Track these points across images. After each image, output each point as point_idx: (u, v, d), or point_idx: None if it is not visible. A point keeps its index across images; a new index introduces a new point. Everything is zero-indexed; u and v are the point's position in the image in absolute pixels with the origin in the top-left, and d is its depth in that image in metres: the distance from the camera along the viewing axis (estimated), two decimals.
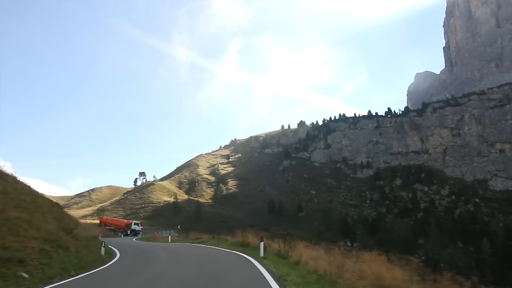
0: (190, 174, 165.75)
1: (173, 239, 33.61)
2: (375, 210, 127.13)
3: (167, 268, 13.20)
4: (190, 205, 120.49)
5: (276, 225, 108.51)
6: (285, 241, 19.99)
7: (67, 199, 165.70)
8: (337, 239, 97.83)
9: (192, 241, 28.56)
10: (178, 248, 22.14)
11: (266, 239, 17.38)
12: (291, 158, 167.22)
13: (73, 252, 13.93)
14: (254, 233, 21.60)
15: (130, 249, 23.15)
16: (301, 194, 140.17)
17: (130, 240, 42.25)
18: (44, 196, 23.61)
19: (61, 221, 17.96)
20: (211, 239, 26.74)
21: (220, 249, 20.09)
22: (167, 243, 28.73)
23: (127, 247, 24.27)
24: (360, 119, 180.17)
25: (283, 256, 15.29)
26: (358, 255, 11.14)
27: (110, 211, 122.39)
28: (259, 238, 17.44)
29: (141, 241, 36.82)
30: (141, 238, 48.34)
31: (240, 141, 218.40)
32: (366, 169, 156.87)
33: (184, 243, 27.09)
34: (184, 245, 24.97)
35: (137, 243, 30.06)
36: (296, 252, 14.17)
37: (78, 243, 15.72)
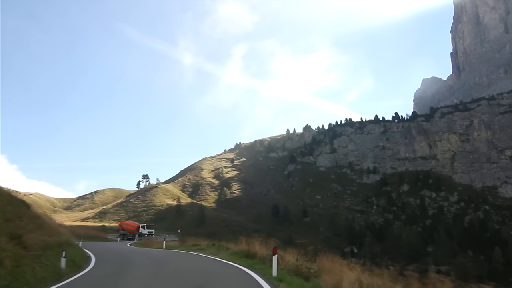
0: (194, 177, 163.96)
1: (169, 245, 29.67)
2: (382, 216, 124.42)
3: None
4: (193, 209, 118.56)
5: (280, 230, 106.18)
6: (301, 251, 16.88)
7: (69, 201, 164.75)
8: (344, 245, 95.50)
9: (189, 248, 25.25)
10: (169, 257, 18.95)
11: (270, 245, 15.33)
12: (296, 163, 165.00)
13: (9, 267, 10.30)
14: (261, 240, 18.36)
15: (110, 257, 19.51)
16: (306, 199, 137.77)
17: (123, 245, 37.55)
18: (8, 191, 20.04)
19: (11, 223, 14.36)
20: (210, 247, 23.61)
21: (219, 260, 16.74)
22: (160, 250, 25.52)
23: (109, 255, 20.72)
24: (367, 124, 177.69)
25: (304, 275, 11.50)
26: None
27: (112, 214, 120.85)
28: (267, 247, 15.20)
29: (133, 246, 33.17)
30: (136, 242, 43.15)
31: (245, 144, 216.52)
32: (372, 175, 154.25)
33: (179, 250, 23.76)
34: (178, 253, 21.57)
35: (125, 249, 26.62)
36: (324, 270, 10.84)
37: (24, 254, 12.11)
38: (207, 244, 25.15)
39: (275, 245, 14.62)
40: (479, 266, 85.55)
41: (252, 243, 17.46)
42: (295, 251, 14.02)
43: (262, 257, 15.06)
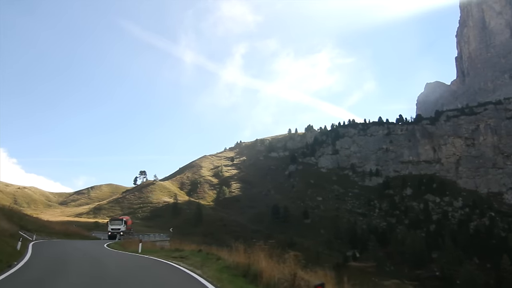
0: (193, 175, 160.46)
1: (148, 248, 23.28)
2: (384, 220, 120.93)
3: None
4: (190, 207, 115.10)
5: (280, 231, 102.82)
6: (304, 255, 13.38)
7: (65, 196, 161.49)
8: (345, 249, 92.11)
9: (168, 254, 18.65)
10: (125, 272, 12.56)
11: (271, 249, 11.15)
12: (298, 163, 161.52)
13: None
14: (267, 250, 11.53)
15: (55, 266, 13.32)
16: (307, 200, 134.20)
17: (97, 245, 28.91)
18: None
19: None
20: (196, 254, 17.40)
21: (201, 282, 10.26)
22: (130, 255, 18.95)
23: (59, 262, 14.39)
24: (370, 126, 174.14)
25: None
26: None
27: (107, 210, 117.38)
28: (278, 262, 9.90)
29: (107, 248, 25.11)
30: (117, 242, 33.83)
31: (245, 143, 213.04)
32: (375, 177, 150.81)
33: (154, 256, 17.39)
34: (148, 261, 15.38)
35: (83, 252, 19.00)
36: None
37: None
38: (193, 250, 19.18)
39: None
40: (486, 274, 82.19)
41: (255, 254, 11.31)
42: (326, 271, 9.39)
43: (272, 283, 8.77)
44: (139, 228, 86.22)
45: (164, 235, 52.83)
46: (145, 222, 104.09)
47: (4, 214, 25.22)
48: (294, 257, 10.15)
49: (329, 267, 35.08)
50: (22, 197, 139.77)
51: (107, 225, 45.86)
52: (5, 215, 25.03)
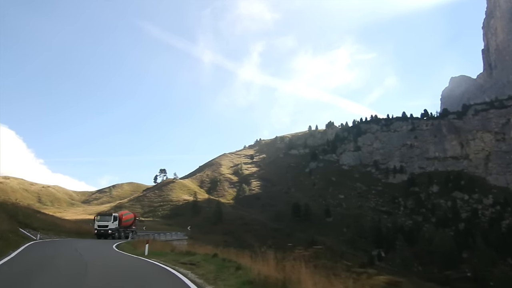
0: (213, 173, 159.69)
1: (156, 249, 20.07)
2: (410, 218, 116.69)
3: None
4: (210, 205, 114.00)
5: (301, 230, 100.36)
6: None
7: (87, 195, 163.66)
8: (370, 248, 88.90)
9: (177, 258, 15.69)
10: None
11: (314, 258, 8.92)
12: (318, 160, 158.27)
13: None
14: (308, 259, 9.72)
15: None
16: (329, 198, 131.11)
17: (109, 245, 24.71)
18: None
19: None
20: (209, 259, 14.15)
21: None
22: (133, 258, 15.95)
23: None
24: (394, 121, 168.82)
25: None
26: None
27: (127, 208, 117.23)
28: (332, 282, 6.89)
29: (116, 249, 20.89)
30: (129, 242, 30.44)
31: (265, 141, 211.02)
32: (399, 174, 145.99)
33: (158, 261, 14.37)
34: (147, 270, 11.90)
35: (86, 255, 15.52)
36: None
37: None
38: (207, 254, 15.68)
39: None
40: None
41: (291, 265, 8.30)
42: None
43: None
44: (159, 227, 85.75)
45: (181, 234, 51.26)
46: (165, 220, 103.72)
47: (6, 212, 24.13)
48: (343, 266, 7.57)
49: (356, 267, 30.82)
50: (46, 195, 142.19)
51: (93, 222, 37.15)
52: (8, 213, 23.96)
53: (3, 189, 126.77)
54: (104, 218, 36.65)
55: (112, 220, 36.24)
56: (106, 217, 36.90)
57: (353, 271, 9.84)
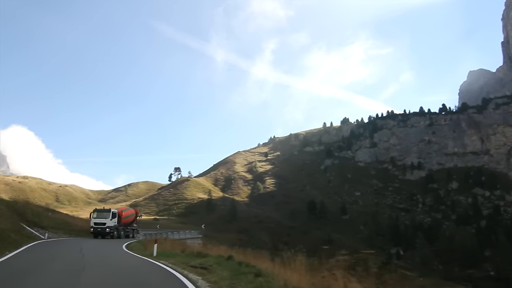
0: (227, 171, 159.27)
1: (165, 250, 18.80)
2: (429, 216, 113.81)
3: None
4: (224, 203, 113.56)
5: (316, 228, 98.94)
6: None
7: (104, 194, 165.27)
8: (388, 246, 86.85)
9: (187, 259, 14.24)
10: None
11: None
12: (334, 157, 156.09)
13: None
14: (343, 266, 7.70)
15: None
16: (345, 195, 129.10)
17: (118, 245, 23.44)
18: None
19: None
20: (223, 262, 12.61)
21: None
22: (139, 260, 14.59)
23: None
24: (411, 117, 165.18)
25: None
26: None
27: (143, 207, 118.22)
28: None
29: (125, 249, 19.71)
30: (140, 241, 29.22)
31: (279, 138, 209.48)
32: (417, 171, 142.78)
33: (166, 263, 12.75)
34: (150, 275, 10.75)
35: (88, 255, 14.46)
36: None
37: None
38: (220, 256, 14.10)
39: None
40: None
41: (331, 274, 6.81)
42: None
43: None
44: (174, 225, 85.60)
45: (195, 232, 50.42)
46: (180, 218, 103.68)
47: (14, 211, 23.75)
48: None
49: (374, 266, 29.36)
50: (64, 195, 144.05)
51: (90, 218, 32.33)
52: (16, 211, 23.57)
53: (22, 189, 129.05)
54: (101, 215, 31.80)
55: (110, 217, 31.64)
56: (103, 214, 32.06)
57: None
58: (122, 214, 33.98)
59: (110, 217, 31.36)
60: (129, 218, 36.44)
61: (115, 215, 32.36)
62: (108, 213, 31.93)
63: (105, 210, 33.19)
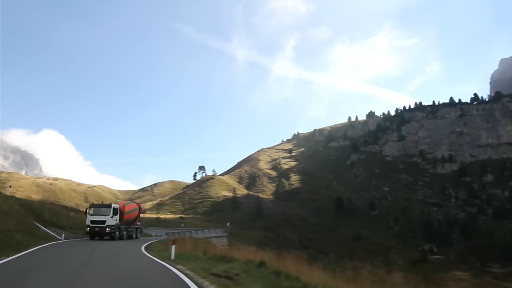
0: (251, 168, 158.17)
1: (185, 251, 16.80)
2: (463, 210, 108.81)
3: None
4: (249, 201, 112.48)
5: (344, 224, 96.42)
6: None
7: (131, 193, 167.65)
8: (420, 242, 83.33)
9: (209, 264, 12.25)
10: None
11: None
12: (360, 152, 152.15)
13: None
14: None
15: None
16: (372, 191, 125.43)
17: (136, 246, 21.49)
18: None
19: None
20: (253, 270, 10.50)
21: None
22: (154, 264, 12.79)
23: None
24: (440, 108, 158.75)
25: None
26: None
27: (168, 206, 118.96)
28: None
29: (143, 251, 17.72)
30: (162, 241, 27.05)
31: (303, 134, 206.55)
32: (448, 164, 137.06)
33: (184, 270, 10.83)
34: None
35: (96, 259, 12.93)
36: None
37: None
38: (249, 262, 11.88)
39: None
40: None
41: None
42: None
43: None
44: (199, 223, 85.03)
45: (220, 231, 49.13)
46: (206, 216, 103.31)
47: (31, 210, 23.11)
48: None
49: (406, 263, 25.56)
50: (92, 195, 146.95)
51: (85, 215, 26.71)
52: (33, 211, 22.92)
53: (52, 190, 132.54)
54: (99, 211, 26.24)
55: (111, 213, 26.00)
56: (102, 210, 26.49)
57: None
58: (124, 209, 28.27)
59: (111, 214, 25.90)
60: (132, 214, 30.46)
61: (117, 212, 26.80)
62: (108, 209, 26.36)
63: (104, 205, 27.89)
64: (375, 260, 22.13)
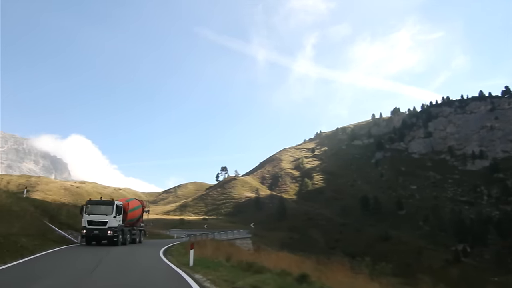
0: (273, 169, 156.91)
1: (205, 256, 15.03)
2: (496, 209, 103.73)
3: None
4: (273, 201, 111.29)
5: (370, 224, 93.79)
6: None
7: (155, 195, 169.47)
8: (452, 242, 79.83)
9: (233, 273, 10.53)
10: None
11: None
12: (385, 150, 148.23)
13: None
14: None
15: None
16: (399, 189, 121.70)
17: (155, 250, 19.89)
18: None
19: None
20: (291, 286, 8.46)
21: None
22: (167, 274, 11.05)
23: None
24: (469, 102, 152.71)
25: None
26: None
27: (192, 207, 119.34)
28: None
29: (162, 257, 15.73)
30: (183, 243, 25.99)
31: (325, 133, 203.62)
32: (479, 160, 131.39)
33: (204, 281, 9.12)
34: None
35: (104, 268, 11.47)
36: None
37: None
38: (284, 272, 10.14)
39: None
40: None
41: None
42: None
43: None
44: (223, 224, 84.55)
45: (244, 232, 48.04)
46: (229, 217, 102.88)
47: (47, 212, 22.61)
48: None
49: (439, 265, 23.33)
50: (117, 197, 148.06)
51: (81, 214, 21.17)
52: (49, 212, 22.45)
53: (79, 193, 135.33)
54: (99, 209, 21.17)
55: (114, 212, 20.98)
56: (102, 208, 21.33)
57: None
58: (127, 207, 23.25)
59: (113, 213, 20.92)
60: (136, 211, 25.43)
61: (121, 210, 21.84)
62: (109, 206, 21.23)
63: (104, 201, 22.53)
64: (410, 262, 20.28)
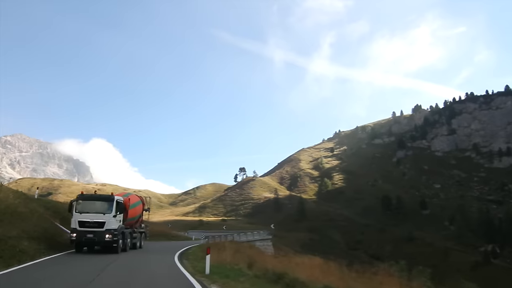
0: (292, 169, 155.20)
1: (223, 262, 13.53)
2: None
3: None
4: (292, 202, 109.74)
5: (393, 225, 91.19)
6: None
7: (174, 197, 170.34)
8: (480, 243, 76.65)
9: (257, 284, 9.51)
10: None
11: None
12: (407, 148, 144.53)
13: None
14: None
15: None
16: (423, 188, 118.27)
17: (169, 254, 18.44)
18: None
19: None
20: None
21: None
22: (179, 283, 9.70)
23: None
24: (495, 97, 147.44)
25: None
26: None
27: (211, 208, 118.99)
28: None
29: (176, 263, 14.18)
30: (201, 245, 24.25)
31: (344, 132, 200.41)
32: (506, 157, 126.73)
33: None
34: None
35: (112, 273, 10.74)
36: None
37: None
38: (316, 282, 9.08)
39: None
40: None
41: None
42: None
43: None
44: (242, 225, 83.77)
45: (264, 233, 46.84)
46: (248, 218, 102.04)
47: (58, 212, 22.26)
48: None
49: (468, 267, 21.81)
50: None
51: (70, 212, 16.87)
52: (60, 214, 22.05)
53: None
54: (93, 206, 16.89)
55: (113, 210, 16.82)
56: (97, 204, 17.01)
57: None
58: (128, 203, 19.00)
59: (112, 211, 16.69)
60: (136, 209, 21.00)
61: (122, 208, 17.75)
62: (108, 203, 16.99)
63: (101, 196, 18.24)
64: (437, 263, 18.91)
